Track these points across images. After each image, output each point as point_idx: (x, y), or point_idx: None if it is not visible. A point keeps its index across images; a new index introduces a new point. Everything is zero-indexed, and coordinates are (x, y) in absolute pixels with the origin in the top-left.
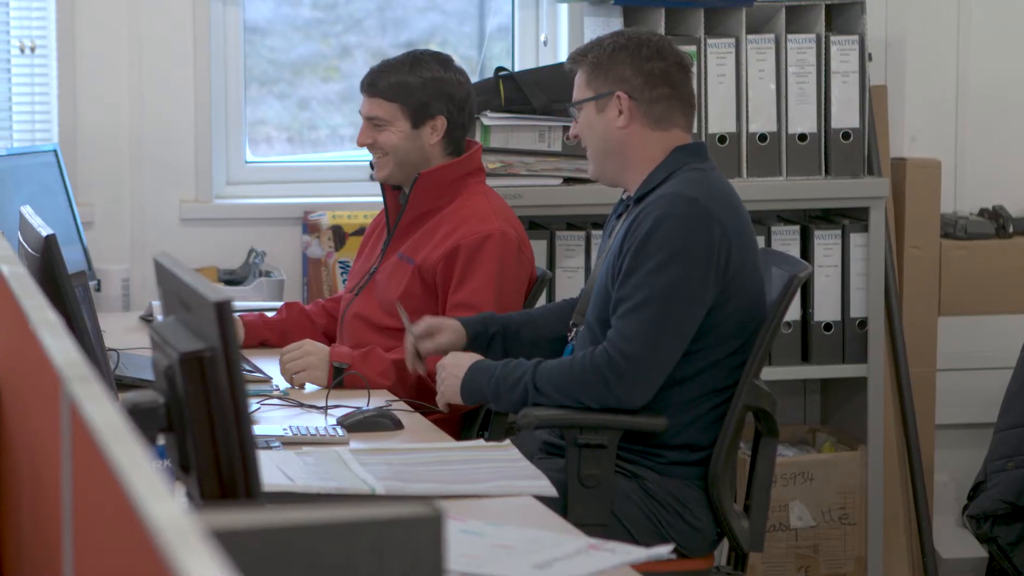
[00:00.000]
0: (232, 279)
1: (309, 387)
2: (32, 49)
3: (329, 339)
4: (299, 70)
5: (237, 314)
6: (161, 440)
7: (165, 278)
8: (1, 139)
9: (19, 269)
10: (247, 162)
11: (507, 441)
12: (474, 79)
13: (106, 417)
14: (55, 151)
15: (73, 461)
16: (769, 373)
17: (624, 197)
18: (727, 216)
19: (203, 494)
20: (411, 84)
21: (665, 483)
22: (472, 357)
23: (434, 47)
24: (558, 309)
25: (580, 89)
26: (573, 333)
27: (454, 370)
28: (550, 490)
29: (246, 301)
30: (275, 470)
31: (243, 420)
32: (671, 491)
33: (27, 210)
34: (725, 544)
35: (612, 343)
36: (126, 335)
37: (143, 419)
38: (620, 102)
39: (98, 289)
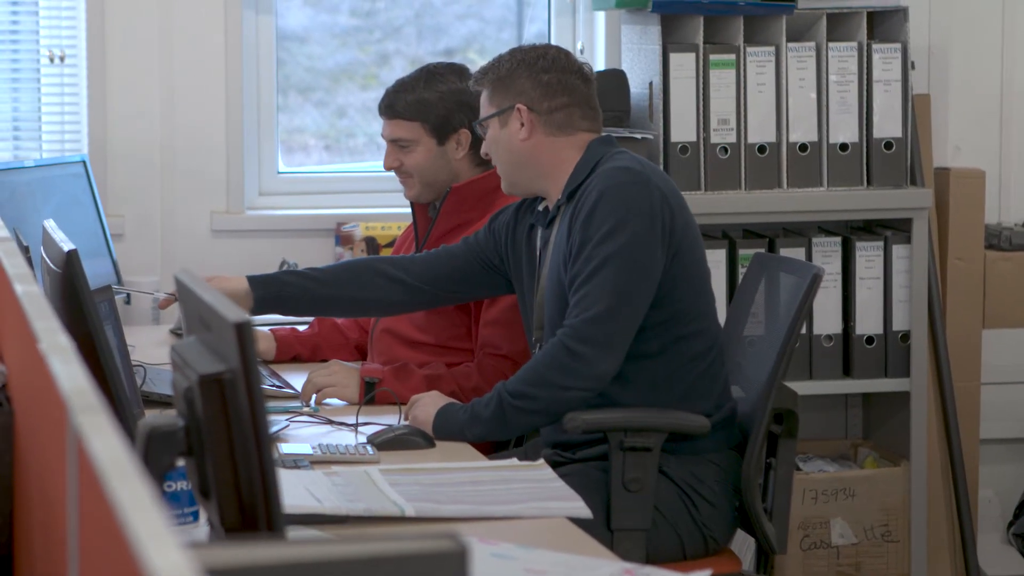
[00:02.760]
0: None
1: (339, 403)
2: (62, 59)
3: (361, 353)
4: (337, 78)
5: (268, 328)
6: (181, 462)
7: (186, 296)
8: (30, 150)
9: (33, 288)
10: (279, 172)
11: (541, 460)
12: None
13: (111, 452)
14: (84, 162)
15: (79, 493)
16: (810, 387)
17: (541, 208)
18: (661, 181)
19: (223, 521)
20: (429, 100)
21: (680, 462)
22: (448, 398)
23: (472, 55)
24: (353, 269)
25: (484, 107)
26: (537, 348)
27: (428, 400)
28: (584, 511)
29: (278, 315)
30: (303, 491)
31: (264, 445)
32: (689, 469)
33: (50, 224)
34: (751, 548)
35: (572, 316)
36: (155, 349)
37: (161, 443)
38: (520, 114)
39: (128, 302)
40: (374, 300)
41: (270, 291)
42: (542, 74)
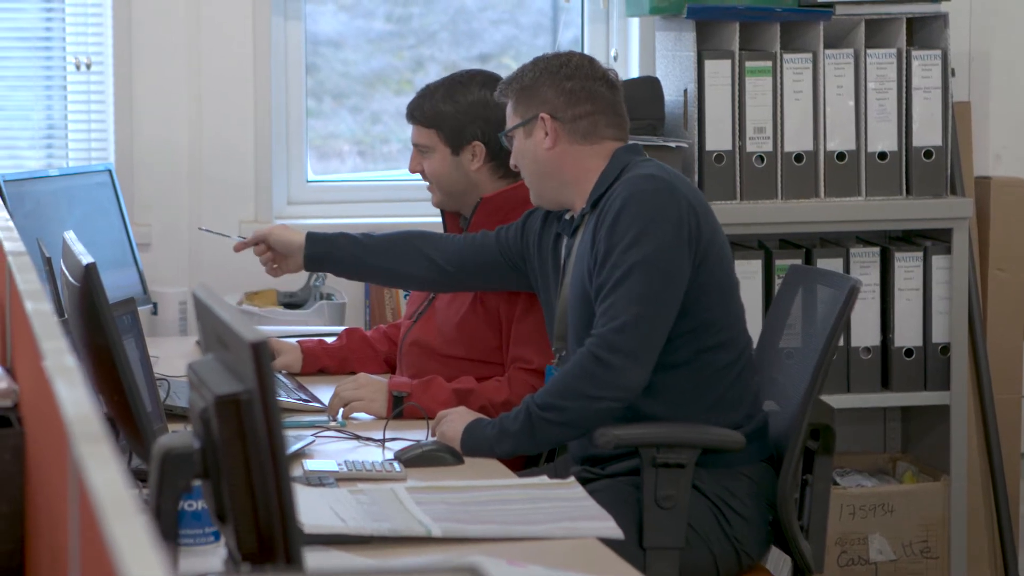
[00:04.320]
0: (292, 302)
1: (367, 417)
2: (88, 66)
3: (391, 367)
4: (372, 83)
5: (295, 340)
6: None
7: (203, 314)
8: (56, 158)
9: (43, 306)
10: (308, 181)
11: (571, 478)
12: None
13: (111, 486)
14: (110, 171)
15: (80, 524)
16: (847, 400)
17: (568, 217)
18: (688, 189)
19: (240, 546)
20: (445, 110)
21: (712, 475)
22: (476, 413)
23: (507, 60)
24: (398, 241)
25: (509, 118)
26: (556, 360)
27: (456, 416)
28: (616, 532)
29: (306, 325)
30: (327, 510)
31: (281, 469)
32: (721, 483)
33: (70, 236)
34: (787, 566)
35: (600, 325)
36: (181, 361)
37: (176, 465)
38: (544, 123)
39: (154, 312)
40: (407, 275)
41: (320, 249)
42: (565, 81)
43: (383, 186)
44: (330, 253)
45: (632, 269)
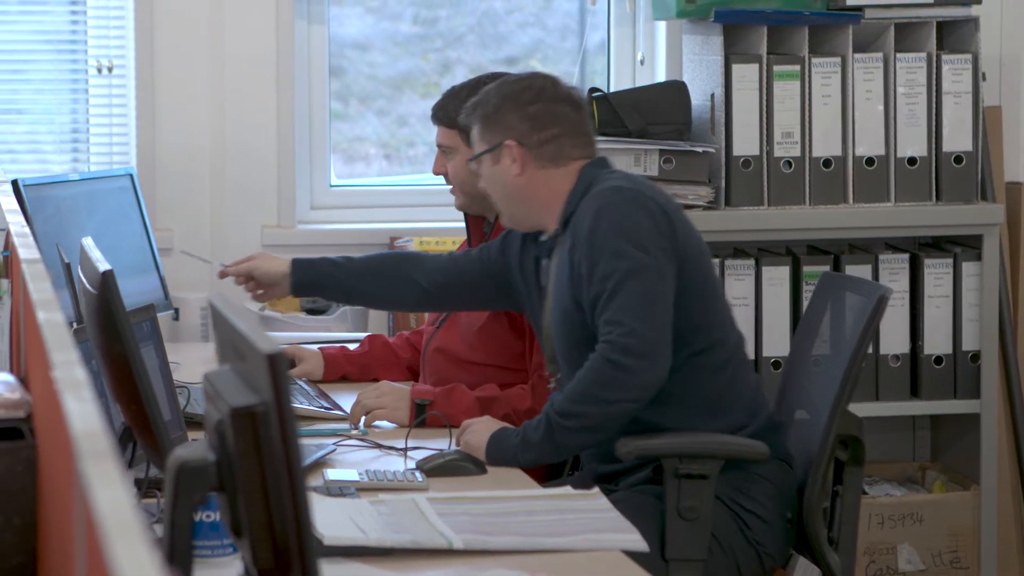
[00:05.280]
0: (315, 308)
1: (388, 426)
2: (110, 69)
3: (413, 373)
4: (398, 86)
5: (317, 347)
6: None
7: (219, 324)
8: (78, 162)
9: (55, 316)
10: (332, 186)
11: (596, 489)
12: None
13: (115, 504)
14: (131, 175)
15: (87, 541)
16: (876, 408)
17: (543, 239)
18: (655, 193)
19: (256, 561)
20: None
21: (725, 479)
22: (501, 422)
23: (535, 63)
24: (383, 264)
25: (476, 144)
26: (552, 383)
27: (481, 426)
28: (640, 544)
29: (329, 332)
30: (347, 521)
31: (297, 483)
32: (735, 485)
33: (88, 243)
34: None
35: (607, 332)
36: (202, 367)
37: (191, 478)
38: (511, 150)
39: (176, 318)
40: (391, 298)
41: (305, 277)
42: (528, 106)
43: (407, 191)
44: (316, 280)
45: (624, 276)
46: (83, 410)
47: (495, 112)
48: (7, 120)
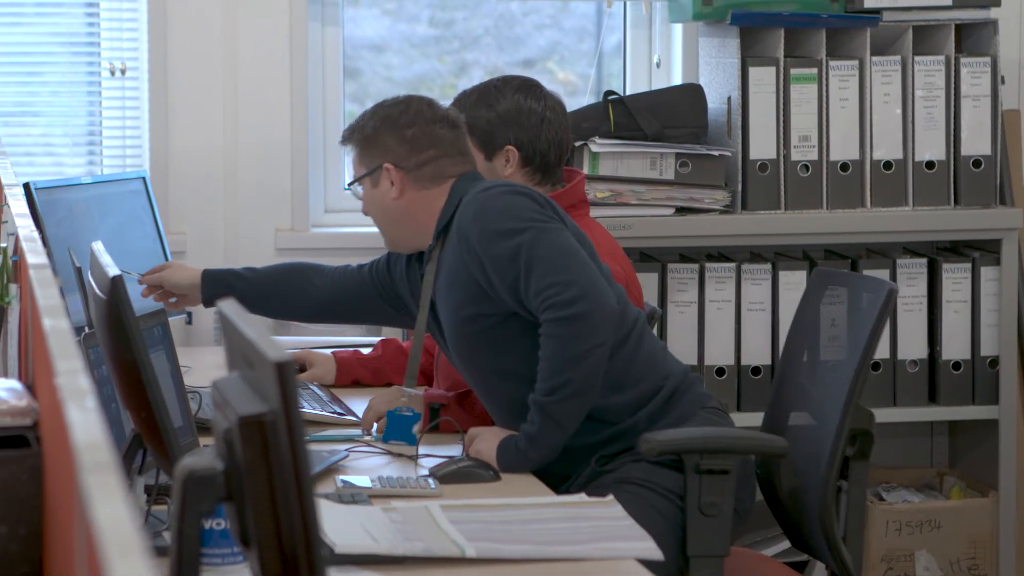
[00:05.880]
0: None
1: None
2: (123, 71)
3: (427, 378)
4: (415, 88)
5: (330, 351)
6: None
7: (228, 330)
8: (91, 164)
9: (61, 323)
10: (346, 188)
11: (610, 496)
12: (588, 99)
13: (114, 520)
14: (144, 178)
15: (87, 554)
16: (894, 414)
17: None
18: (524, 186)
19: (264, 570)
20: (477, 115)
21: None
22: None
23: (551, 65)
24: (285, 274)
25: (354, 167)
26: (405, 398)
27: (489, 434)
28: (655, 553)
29: (343, 336)
30: (359, 529)
31: (306, 493)
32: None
33: (98, 247)
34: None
35: (542, 301)
36: (215, 372)
37: (199, 488)
38: (389, 173)
39: (189, 322)
40: (287, 310)
41: (214, 292)
42: (405, 129)
43: None
44: (221, 293)
45: (529, 247)
46: (86, 420)
47: (373, 135)
48: (22, 123)
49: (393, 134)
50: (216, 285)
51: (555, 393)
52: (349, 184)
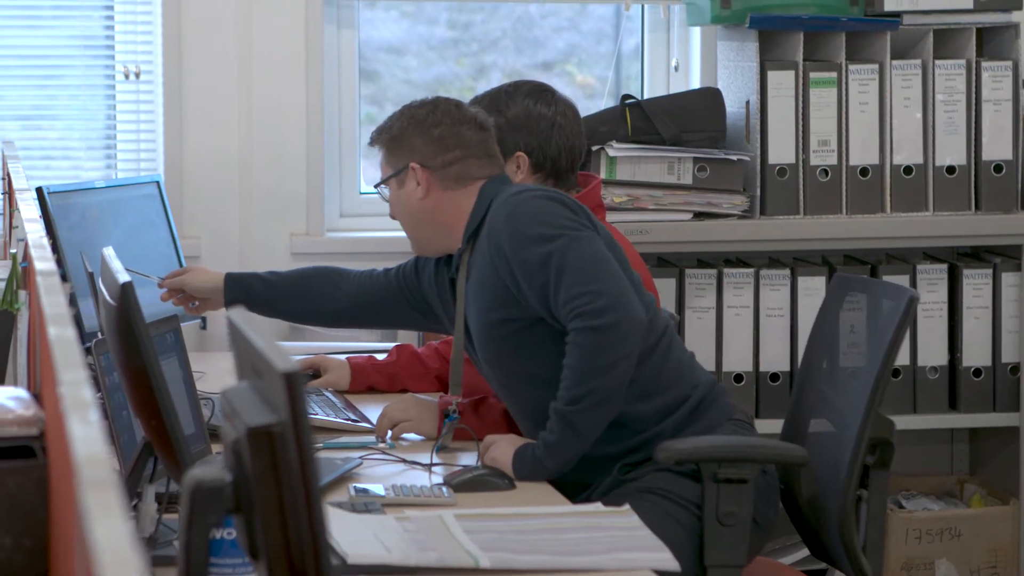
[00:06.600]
0: None
1: (416, 437)
2: (137, 75)
3: (442, 383)
4: (434, 90)
5: (344, 356)
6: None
7: (237, 339)
8: (107, 168)
9: (66, 332)
10: (361, 193)
11: (626, 506)
12: (606, 102)
13: (113, 538)
14: (158, 183)
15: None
16: (914, 421)
17: (455, 260)
18: (557, 192)
19: None
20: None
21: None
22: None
23: (570, 67)
24: (307, 278)
25: (382, 169)
26: (452, 406)
27: (505, 442)
28: (672, 564)
29: (358, 341)
30: (372, 539)
31: (314, 505)
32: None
33: (109, 253)
34: None
35: (571, 310)
36: (229, 377)
37: (207, 500)
38: (415, 173)
39: (203, 327)
40: (311, 314)
41: (237, 296)
42: (432, 129)
43: None
44: (244, 297)
45: (560, 254)
46: (87, 434)
47: (400, 135)
48: (39, 126)
49: (420, 134)
50: (239, 288)
51: (578, 402)
52: (376, 185)
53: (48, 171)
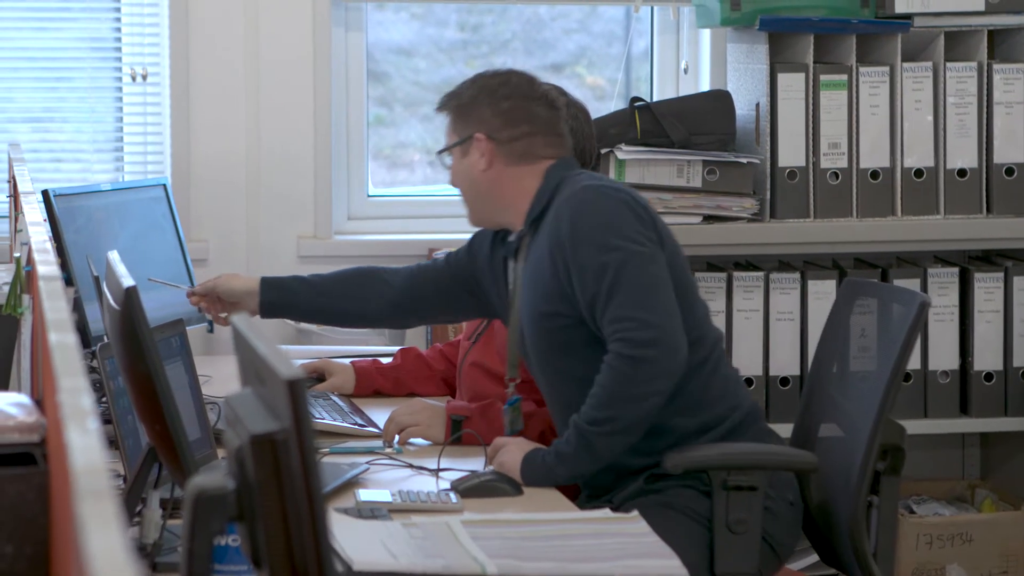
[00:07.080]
0: None
1: (423, 442)
2: (144, 77)
3: (448, 386)
4: (443, 92)
5: (349, 360)
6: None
7: (241, 346)
8: (114, 171)
9: (67, 338)
10: (369, 196)
11: (634, 512)
12: (616, 104)
13: (107, 551)
14: (164, 185)
15: None
16: (925, 426)
17: (511, 239)
18: (628, 189)
19: None
20: None
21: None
22: (533, 443)
23: (580, 69)
24: (351, 279)
25: (447, 135)
26: (510, 388)
27: (514, 446)
28: (680, 570)
29: (365, 345)
30: (378, 545)
31: (317, 512)
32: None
33: (113, 257)
34: None
35: (616, 331)
36: (235, 381)
37: (210, 507)
38: (480, 144)
39: (210, 330)
40: (362, 314)
41: (275, 296)
42: (503, 102)
43: (445, 200)
44: (286, 300)
45: (618, 270)
46: (86, 443)
47: (469, 104)
48: (47, 128)
49: (489, 105)
50: (277, 290)
51: (599, 425)
52: (439, 152)
53: (57, 173)
